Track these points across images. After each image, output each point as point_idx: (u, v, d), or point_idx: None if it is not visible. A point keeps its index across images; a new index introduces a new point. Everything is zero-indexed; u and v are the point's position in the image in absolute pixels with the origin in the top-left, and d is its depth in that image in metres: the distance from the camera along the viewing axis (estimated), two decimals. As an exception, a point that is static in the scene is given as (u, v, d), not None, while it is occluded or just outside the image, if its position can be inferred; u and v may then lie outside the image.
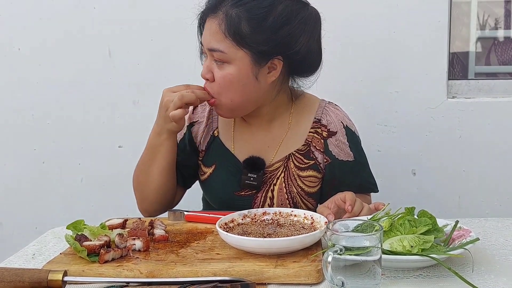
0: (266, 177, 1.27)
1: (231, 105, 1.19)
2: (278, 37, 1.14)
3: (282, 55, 1.17)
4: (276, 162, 1.28)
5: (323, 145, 1.28)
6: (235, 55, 1.14)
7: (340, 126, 1.30)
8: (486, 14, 2.10)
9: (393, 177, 1.88)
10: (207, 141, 1.33)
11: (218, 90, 1.18)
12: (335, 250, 0.84)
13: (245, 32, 1.13)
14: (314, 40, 1.22)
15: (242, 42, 1.13)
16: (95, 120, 1.96)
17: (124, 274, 0.94)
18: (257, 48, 1.14)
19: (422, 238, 0.97)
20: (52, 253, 1.11)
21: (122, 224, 1.16)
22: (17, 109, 1.97)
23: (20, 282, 0.87)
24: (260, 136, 1.30)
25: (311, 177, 1.28)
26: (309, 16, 1.20)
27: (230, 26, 1.13)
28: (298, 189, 1.27)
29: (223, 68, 1.16)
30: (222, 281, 0.85)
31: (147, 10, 1.88)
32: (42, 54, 1.92)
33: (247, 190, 1.27)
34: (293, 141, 1.28)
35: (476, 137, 1.84)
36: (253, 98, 1.20)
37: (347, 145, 1.30)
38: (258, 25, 1.13)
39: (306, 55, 1.20)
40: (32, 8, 1.90)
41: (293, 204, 1.28)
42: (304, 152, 1.27)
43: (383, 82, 1.84)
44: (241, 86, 1.16)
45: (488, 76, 2.11)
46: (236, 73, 1.15)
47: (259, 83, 1.18)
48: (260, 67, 1.16)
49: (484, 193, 1.87)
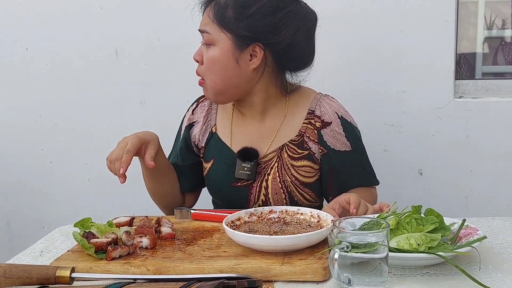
0: (261, 168, 1.30)
1: (215, 88, 1.27)
2: (259, 25, 1.22)
3: (262, 43, 1.24)
4: (270, 153, 1.31)
5: (317, 135, 1.30)
6: (219, 37, 1.24)
7: (335, 117, 1.32)
8: (493, 14, 2.09)
9: (400, 177, 1.87)
10: (206, 138, 1.38)
11: (204, 71, 1.28)
12: (342, 247, 0.84)
13: (229, 17, 1.23)
14: (302, 35, 1.27)
15: (225, 25, 1.23)
16: (102, 120, 1.97)
17: (131, 271, 0.95)
18: (238, 32, 1.22)
19: (429, 236, 0.97)
20: (59, 250, 1.11)
21: (129, 222, 1.16)
22: (24, 109, 1.98)
23: (28, 279, 0.88)
24: (254, 128, 1.34)
25: (305, 167, 1.30)
26: (298, 12, 1.26)
27: (218, 11, 1.24)
28: (292, 178, 1.29)
29: (210, 50, 1.26)
30: (229, 278, 0.85)
31: (154, 10, 1.89)
32: (49, 54, 1.94)
33: (243, 180, 1.31)
34: (287, 132, 1.32)
35: (483, 137, 1.83)
36: (234, 82, 1.27)
37: (343, 135, 1.31)
38: (241, 11, 1.22)
39: (291, 49, 1.26)
40: (40, 9, 1.92)
41: (288, 194, 1.30)
42: (298, 142, 1.30)
43: (390, 82, 1.84)
44: (222, 68, 1.25)
45: (495, 76, 2.10)
46: (218, 54, 1.24)
47: (239, 67, 1.25)
48: (241, 51, 1.24)
49: (492, 194, 1.86)
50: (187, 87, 1.66)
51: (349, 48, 1.83)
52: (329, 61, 1.84)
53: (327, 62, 1.84)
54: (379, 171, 1.89)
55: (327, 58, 1.84)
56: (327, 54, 1.84)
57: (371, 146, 1.88)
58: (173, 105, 1.92)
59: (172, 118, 1.81)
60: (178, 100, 1.92)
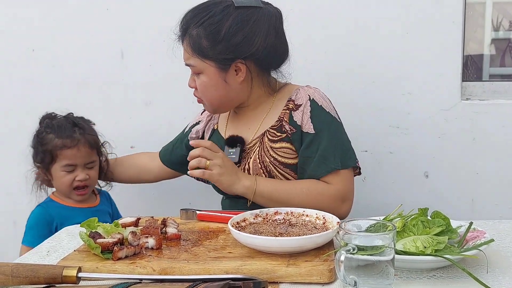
0: (245, 153, 1.41)
1: (212, 104, 1.41)
2: (233, 44, 1.32)
3: (242, 58, 1.34)
4: (254, 139, 1.41)
5: (289, 116, 1.38)
6: (203, 66, 1.36)
7: (306, 99, 1.38)
8: (500, 15, 2.08)
9: (406, 180, 1.87)
10: (209, 134, 1.54)
11: (200, 95, 1.41)
12: (348, 250, 0.84)
13: (205, 47, 1.33)
14: (273, 36, 1.35)
15: (204, 55, 1.34)
16: (108, 121, 1.97)
17: (137, 271, 0.95)
18: (217, 57, 1.33)
19: (436, 239, 0.96)
20: (66, 250, 1.12)
21: (135, 223, 1.17)
22: (30, 110, 1.98)
23: (35, 278, 0.88)
24: (244, 121, 1.46)
25: (284, 148, 1.37)
26: (262, 17, 1.34)
27: (194, 45, 1.35)
28: (271, 158, 1.37)
29: (199, 77, 1.38)
30: (235, 279, 0.85)
31: (159, 11, 1.90)
32: (55, 56, 1.95)
33: None
34: (270, 120, 1.41)
35: (490, 139, 1.82)
36: (228, 97, 1.40)
37: (309, 115, 1.36)
38: (213, 38, 1.32)
39: (267, 52, 1.35)
40: (46, 10, 1.93)
41: (268, 174, 1.37)
42: (277, 127, 1.39)
43: (396, 83, 1.83)
44: (214, 90, 1.37)
45: (502, 77, 2.09)
46: (208, 80, 1.37)
47: (229, 85, 1.37)
48: (226, 71, 1.35)
49: (498, 196, 1.84)
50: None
51: (355, 49, 1.83)
52: (335, 62, 1.84)
53: (332, 64, 1.85)
54: (385, 173, 1.90)
55: (332, 60, 1.85)
56: (333, 55, 1.85)
57: (376, 148, 1.88)
58: (179, 106, 1.93)
59: (177, 119, 1.82)
60: (184, 101, 1.92)
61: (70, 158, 1.53)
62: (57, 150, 1.52)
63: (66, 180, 1.54)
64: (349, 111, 1.84)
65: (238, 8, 1.32)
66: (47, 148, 1.54)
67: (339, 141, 1.37)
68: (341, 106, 1.84)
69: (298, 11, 1.78)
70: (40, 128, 1.58)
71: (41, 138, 1.56)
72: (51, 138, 1.54)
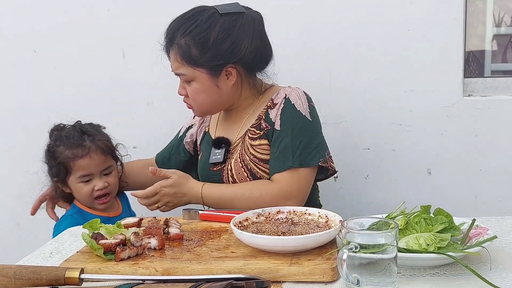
0: (230, 153, 1.46)
1: (203, 109, 1.46)
2: (222, 50, 1.36)
3: (232, 63, 1.38)
4: (238, 139, 1.46)
5: (265, 113, 1.42)
6: (194, 74, 1.38)
7: (282, 97, 1.41)
8: (502, 11, 2.07)
9: (408, 177, 1.86)
10: (201, 136, 1.59)
11: (191, 101, 1.44)
12: (350, 248, 0.84)
13: (195, 55, 1.36)
14: (257, 39, 1.40)
15: (195, 64, 1.37)
16: (110, 121, 1.96)
17: (140, 272, 0.95)
18: (209, 64, 1.37)
19: (439, 236, 0.96)
20: (69, 251, 1.12)
21: (138, 223, 1.17)
22: (32, 111, 2.00)
23: (38, 280, 0.88)
24: (231, 123, 1.50)
25: (263, 145, 1.41)
26: (246, 22, 1.38)
27: (183, 54, 1.37)
28: (251, 156, 1.41)
29: (191, 85, 1.41)
30: (237, 278, 0.85)
31: (160, 11, 1.89)
32: (57, 56, 1.95)
33: (217, 165, 1.46)
34: (251, 120, 1.45)
35: (493, 135, 1.82)
36: (220, 101, 1.44)
37: (279, 112, 1.40)
38: (203, 47, 1.35)
39: (254, 55, 1.39)
40: (47, 11, 1.93)
41: (249, 171, 1.40)
42: (256, 125, 1.43)
43: (398, 80, 1.83)
44: (206, 95, 1.41)
45: (504, 73, 2.08)
46: (200, 87, 1.40)
47: (221, 89, 1.41)
48: (217, 77, 1.39)
49: (501, 193, 1.84)
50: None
51: (356, 46, 1.82)
52: (336, 60, 1.84)
53: (334, 62, 1.84)
54: (387, 170, 1.89)
55: (334, 58, 1.84)
56: (334, 53, 1.84)
57: (379, 145, 1.88)
58: (180, 106, 1.91)
59: (179, 119, 1.82)
60: (185, 101, 1.93)
61: (84, 168, 1.47)
62: (70, 161, 1.47)
63: (85, 192, 1.48)
64: (351, 109, 1.84)
65: (222, 15, 1.36)
66: (60, 161, 1.48)
67: (303, 139, 1.37)
68: (342, 104, 1.85)
69: (299, 7, 1.77)
70: (50, 142, 1.53)
71: (52, 152, 1.50)
72: (62, 150, 1.48)
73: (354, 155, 1.84)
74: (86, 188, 1.48)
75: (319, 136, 1.41)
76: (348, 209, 1.85)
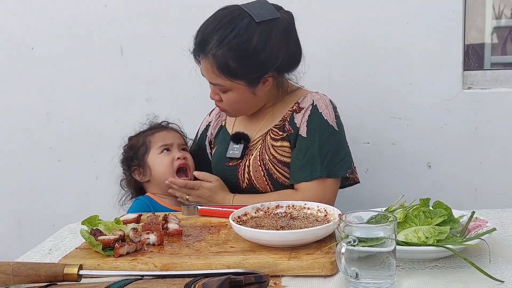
0: (248, 150, 1.44)
1: (239, 113, 1.46)
2: (261, 61, 1.32)
3: (270, 71, 1.35)
4: (258, 137, 1.44)
5: (290, 116, 1.41)
6: (232, 85, 1.35)
7: (310, 104, 1.40)
8: (502, 4, 2.06)
9: (408, 170, 1.86)
10: (216, 130, 1.57)
11: (225, 106, 1.41)
12: (349, 241, 0.84)
13: (233, 67, 1.31)
14: (292, 43, 1.37)
15: (234, 76, 1.33)
16: (109, 117, 1.97)
17: (138, 267, 0.95)
18: (248, 76, 1.33)
19: (438, 229, 0.96)
20: (68, 248, 1.12)
21: (136, 219, 1.17)
22: (31, 108, 1.99)
23: (37, 276, 0.88)
24: (251, 119, 1.48)
25: (284, 147, 1.40)
26: (281, 28, 1.33)
27: (220, 66, 1.31)
28: (270, 156, 1.39)
29: (227, 93, 1.37)
30: (236, 273, 0.85)
31: (158, 7, 1.89)
32: (55, 53, 1.95)
33: (234, 160, 1.44)
34: (274, 119, 1.44)
35: (493, 128, 1.81)
36: (256, 105, 1.43)
37: (306, 119, 1.38)
38: (242, 58, 1.30)
39: (289, 60, 1.38)
40: (45, 8, 1.92)
41: (266, 171, 1.39)
42: (280, 126, 1.41)
43: (397, 74, 1.82)
44: (244, 103, 1.39)
45: (504, 66, 2.07)
46: (237, 96, 1.37)
47: (257, 96, 1.39)
48: (255, 87, 1.36)
49: (501, 186, 1.83)
50: (193, 84, 1.66)
51: (355, 40, 1.81)
52: (335, 54, 1.83)
53: (333, 56, 1.84)
54: (388, 164, 1.89)
55: (333, 52, 1.84)
56: (333, 47, 1.83)
57: (379, 139, 1.87)
58: (179, 102, 1.92)
59: (178, 115, 1.81)
60: (184, 97, 1.92)
61: (164, 138, 1.51)
62: (149, 136, 1.53)
63: (166, 162, 1.48)
64: (351, 103, 1.83)
65: (259, 24, 1.30)
66: (139, 144, 1.53)
67: (330, 149, 1.36)
68: (342, 98, 1.84)
69: (298, 3, 1.76)
70: (126, 143, 1.59)
71: (130, 144, 1.56)
72: (139, 136, 1.56)
73: (354, 149, 1.83)
74: (166, 158, 1.49)
75: (345, 147, 1.41)
76: (347, 203, 1.85)
